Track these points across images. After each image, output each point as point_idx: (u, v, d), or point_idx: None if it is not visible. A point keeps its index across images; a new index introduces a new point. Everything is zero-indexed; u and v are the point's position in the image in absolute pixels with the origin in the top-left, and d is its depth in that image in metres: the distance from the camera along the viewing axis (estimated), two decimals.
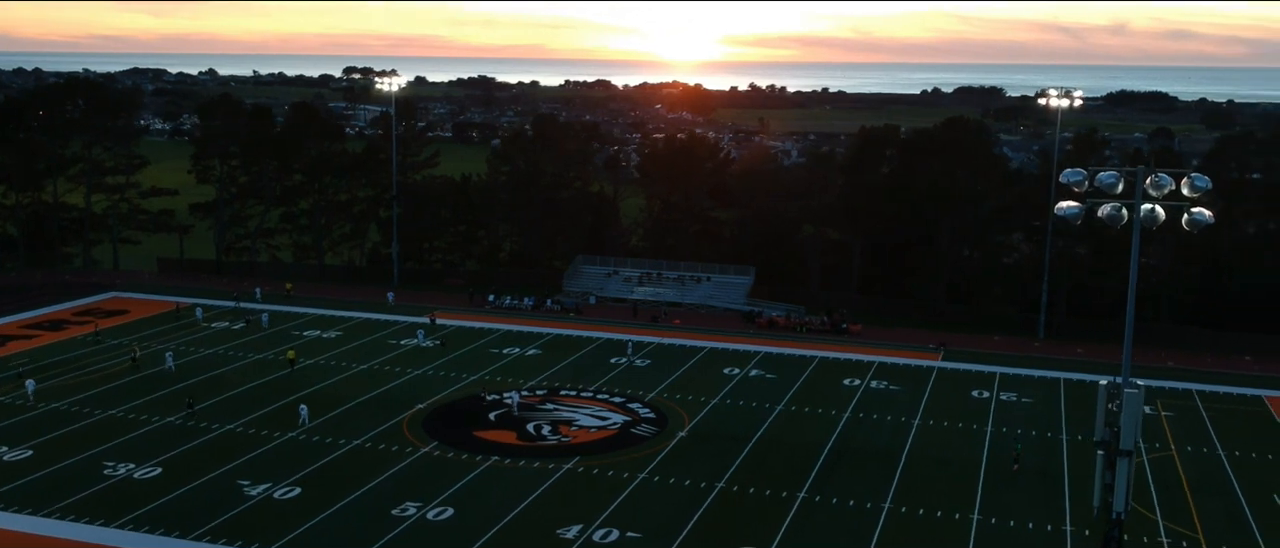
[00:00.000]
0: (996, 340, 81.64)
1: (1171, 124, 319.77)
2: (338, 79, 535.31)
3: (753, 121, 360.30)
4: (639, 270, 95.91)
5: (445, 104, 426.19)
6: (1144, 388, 30.10)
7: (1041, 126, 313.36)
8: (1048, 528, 48.01)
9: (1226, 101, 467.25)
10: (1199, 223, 26.15)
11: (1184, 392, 69.34)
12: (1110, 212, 27.20)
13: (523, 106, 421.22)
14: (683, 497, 50.90)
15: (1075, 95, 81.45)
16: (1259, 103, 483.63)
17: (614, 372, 72.20)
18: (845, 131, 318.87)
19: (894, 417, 63.46)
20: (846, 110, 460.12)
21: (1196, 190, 25.70)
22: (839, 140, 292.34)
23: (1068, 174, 27.90)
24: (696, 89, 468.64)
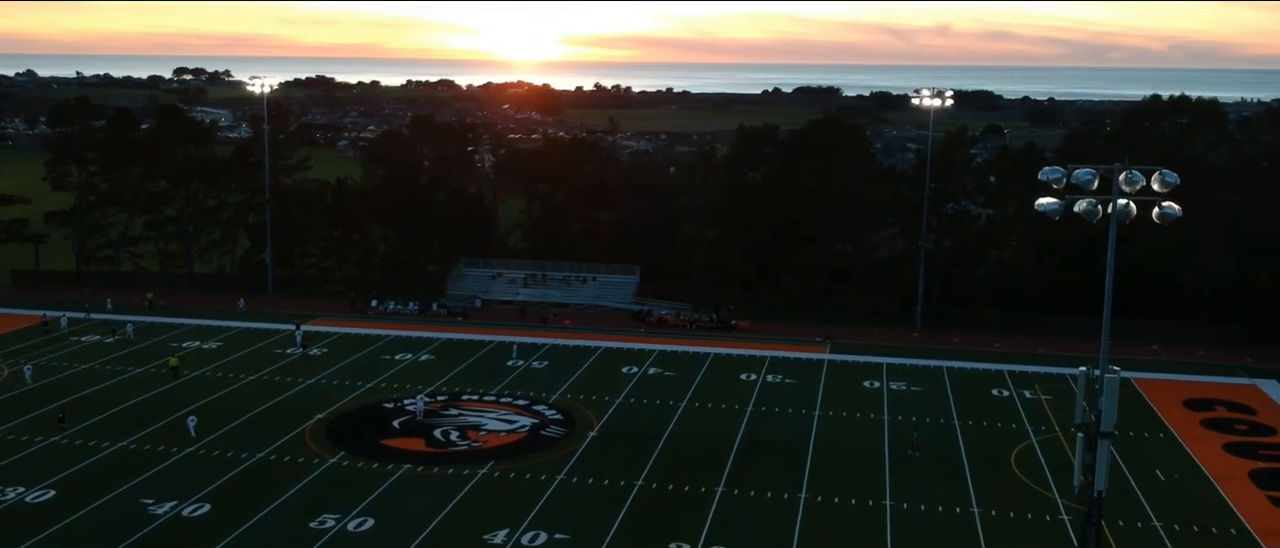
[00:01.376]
0: (877, 332, 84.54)
1: (999, 121, 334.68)
2: (168, 80, 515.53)
3: (602, 121, 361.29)
4: (523, 272, 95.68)
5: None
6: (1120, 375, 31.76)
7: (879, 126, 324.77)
8: (956, 511, 50.04)
9: (1048, 99, 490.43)
10: (1168, 217, 27.95)
11: (1058, 376, 73.16)
12: (1087, 207, 28.79)
13: (366, 107, 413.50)
14: (604, 496, 51.18)
15: (946, 95, 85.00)
16: (1077, 100, 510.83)
17: (513, 374, 71.97)
18: (696, 131, 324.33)
19: (794, 409, 65.11)
20: (692, 110, 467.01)
21: (1166, 186, 27.46)
22: (690, 140, 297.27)
23: (1046, 172, 29.37)
24: (544, 89, 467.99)
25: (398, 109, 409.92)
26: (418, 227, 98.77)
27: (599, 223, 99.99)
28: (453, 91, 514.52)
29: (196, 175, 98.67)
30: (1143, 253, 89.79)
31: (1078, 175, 28.36)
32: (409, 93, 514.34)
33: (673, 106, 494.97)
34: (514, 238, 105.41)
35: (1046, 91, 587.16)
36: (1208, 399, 67.92)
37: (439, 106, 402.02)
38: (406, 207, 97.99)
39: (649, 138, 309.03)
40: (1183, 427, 62.80)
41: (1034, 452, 58.30)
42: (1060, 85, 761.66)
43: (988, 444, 59.37)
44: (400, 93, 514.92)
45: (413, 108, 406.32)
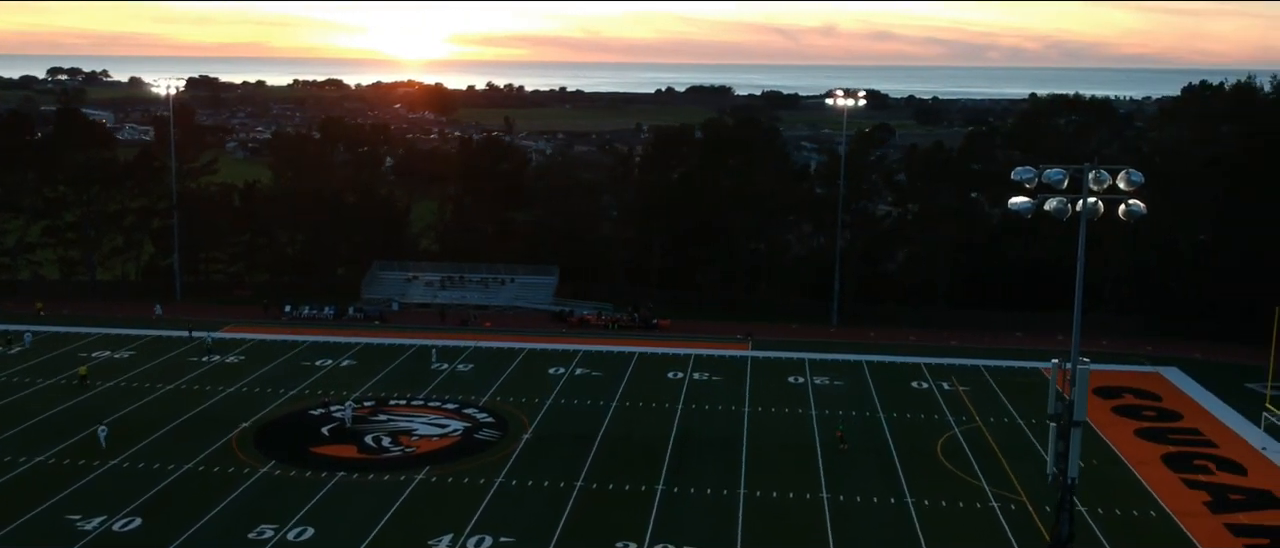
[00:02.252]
0: (795, 329, 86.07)
1: (888, 120, 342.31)
2: (42, 80, 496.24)
3: (497, 121, 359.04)
4: (440, 274, 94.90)
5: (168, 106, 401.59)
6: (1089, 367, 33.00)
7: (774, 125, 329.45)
8: (891, 501, 51.32)
9: (932, 98, 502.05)
10: (1135, 214, 29.23)
11: (973, 368, 75.43)
12: (1057, 205, 29.93)
13: (253, 107, 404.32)
14: (545, 498, 51.21)
15: (858, 96, 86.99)
16: (959, 99, 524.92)
17: (439, 378, 71.43)
18: (594, 130, 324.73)
19: (724, 406, 65.98)
20: (586, 109, 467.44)
21: (1131, 184, 28.73)
22: (589, 139, 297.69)
23: (1019, 172, 30.42)
24: (437, 88, 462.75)
25: (286, 109, 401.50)
26: (328, 230, 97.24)
27: (514, 223, 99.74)
28: (341, 91, 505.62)
29: (97, 179, 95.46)
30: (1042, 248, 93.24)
31: (1048, 175, 29.52)
32: (297, 93, 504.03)
33: (567, 106, 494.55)
34: (426, 240, 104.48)
35: (929, 90, 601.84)
36: (1116, 387, 70.76)
37: (329, 107, 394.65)
38: (317, 210, 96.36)
39: (546, 137, 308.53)
40: (1095, 414, 65.02)
41: (958, 442, 60.10)
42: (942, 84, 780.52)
43: (913, 436, 60.98)
44: (288, 93, 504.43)
45: (302, 108, 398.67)
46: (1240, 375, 72.94)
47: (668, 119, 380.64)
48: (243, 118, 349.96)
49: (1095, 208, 29.71)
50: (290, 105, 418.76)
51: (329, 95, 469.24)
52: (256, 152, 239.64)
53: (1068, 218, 30.20)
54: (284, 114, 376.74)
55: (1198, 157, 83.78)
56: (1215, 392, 70.21)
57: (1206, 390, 70.46)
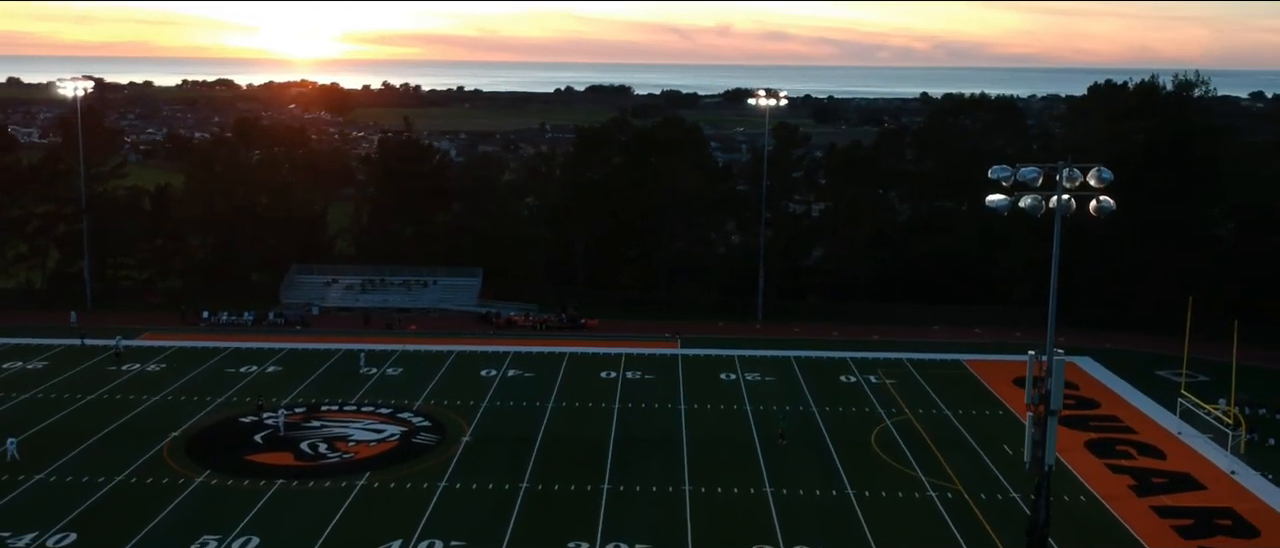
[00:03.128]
0: (721, 326, 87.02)
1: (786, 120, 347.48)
2: None
3: (396, 121, 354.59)
4: (360, 277, 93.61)
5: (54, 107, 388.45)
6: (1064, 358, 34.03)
7: None
8: (832, 494, 52.33)
9: (828, 98, 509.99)
10: (1106, 211, 30.40)
11: (897, 361, 77.16)
12: (1031, 202, 30.97)
13: (142, 108, 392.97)
14: (491, 500, 51.05)
15: (780, 96, 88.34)
16: (853, 98, 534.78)
17: (369, 383, 70.57)
18: (496, 130, 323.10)
19: (660, 404, 66.43)
20: (486, 108, 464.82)
21: (1102, 181, 29.89)
22: (493, 138, 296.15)
23: (995, 170, 31.39)
24: (333, 88, 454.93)
25: (177, 110, 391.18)
26: (243, 234, 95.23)
27: (434, 225, 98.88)
28: (233, 91, 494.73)
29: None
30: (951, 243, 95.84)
31: (1023, 173, 30.55)
32: (186, 93, 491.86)
33: (466, 105, 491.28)
34: (342, 243, 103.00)
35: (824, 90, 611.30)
36: (1036, 377, 72.79)
37: (221, 107, 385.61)
38: (231, 213, 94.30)
39: (449, 137, 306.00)
40: (1017, 404, 66.98)
41: (890, 433, 61.48)
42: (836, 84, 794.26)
43: (847, 429, 62.19)
44: (177, 93, 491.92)
45: (193, 109, 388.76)
46: (1150, 364, 75.88)
47: (569, 118, 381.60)
48: (132, 120, 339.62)
49: (1069, 205, 30.81)
50: (181, 106, 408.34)
51: (220, 96, 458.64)
52: (149, 154, 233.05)
53: (1042, 214, 31.23)
54: (175, 116, 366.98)
55: (1104, 153, 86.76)
56: (1128, 380, 72.97)
57: (1120, 379, 73.17)
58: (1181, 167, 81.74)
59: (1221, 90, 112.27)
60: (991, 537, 47.48)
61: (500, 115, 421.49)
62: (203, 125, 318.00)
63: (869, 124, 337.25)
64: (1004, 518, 49.58)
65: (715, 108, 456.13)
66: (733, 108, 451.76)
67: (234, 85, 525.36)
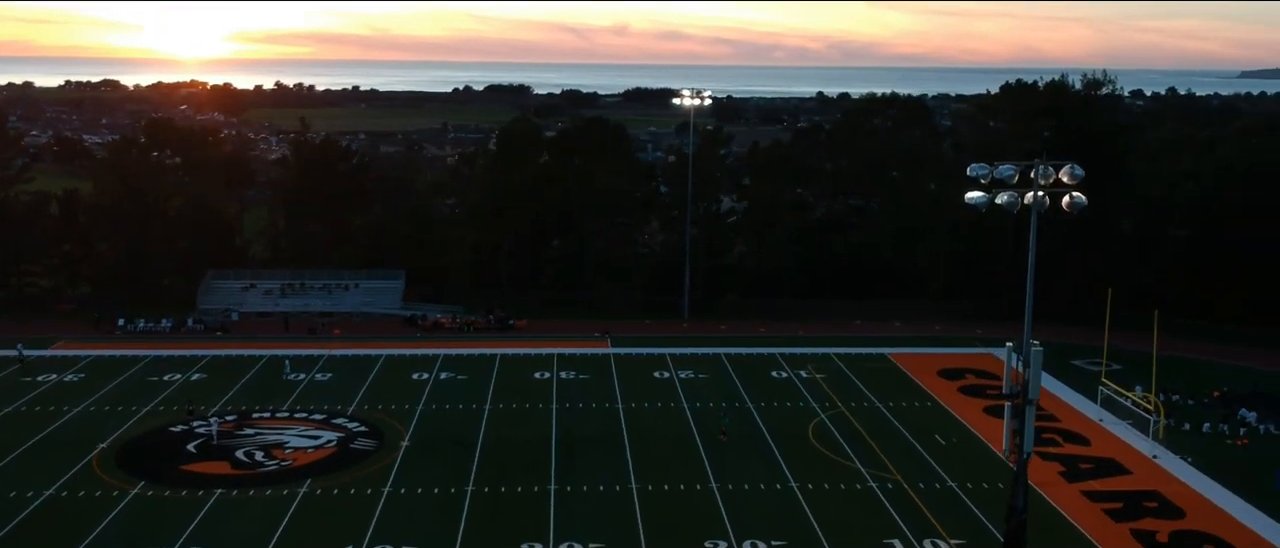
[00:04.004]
0: (649, 325, 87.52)
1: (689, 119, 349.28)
2: None
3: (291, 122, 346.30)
4: (279, 281, 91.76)
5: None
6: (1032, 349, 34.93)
7: None
8: (777, 487, 53.18)
9: (727, 97, 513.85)
10: (1079, 206, 31.52)
11: (824, 356, 78.52)
12: (1009, 199, 31.94)
13: (23, 110, 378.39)
14: (438, 505, 50.73)
15: (704, 95, 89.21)
16: (752, 97, 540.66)
17: (298, 388, 69.40)
18: (398, 130, 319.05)
19: (598, 404, 66.62)
20: (384, 108, 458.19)
21: (1074, 178, 31.00)
22: (395, 138, 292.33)
23: (974, 168, 32.31)
24: (226, 88, 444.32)
25: (62, 112, 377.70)
26: (155, 238, 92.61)
27: (353, 227, 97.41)
28: (119, 92, 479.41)
29: None
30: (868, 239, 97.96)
31: (1000, 171, 31.54)
32: (70, 94, 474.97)
33: (363, 105, 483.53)
34: (257, 246, 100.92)
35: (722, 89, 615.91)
36: (957, 368, 75.11)
37: (108, 109, 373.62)
38: (143, 218, 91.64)
39: (349, 137, 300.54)
40: (944, 395, 69.23)
41: (826, 427, 62.63)
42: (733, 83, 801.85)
43: (784, 423, 63.16)
44: (60, 94, 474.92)
45: (79, 111, 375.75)
46: (1065, 354, 78.43)
47: (468, 118, 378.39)
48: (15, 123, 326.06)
49: (1043, 200, 31.92)
50: (66, 108, 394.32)
51: (107, 97, 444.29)
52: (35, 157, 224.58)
53: (1017, 210, 32.33)
54: (60, 117, 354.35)
55: (1016, 150, 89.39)
56: (1046, 370, 75.09)
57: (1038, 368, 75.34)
58: (1091, 163, 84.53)
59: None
60: (934, 525, 48.73)
61: (399, 115, 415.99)
62: (90, 127, 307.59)
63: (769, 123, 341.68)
64: (944, 506, 50.98)
65: (616, 107, 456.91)
66: (632, 107, 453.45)
67: (120, 86, 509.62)
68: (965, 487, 53.49)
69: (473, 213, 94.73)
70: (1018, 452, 32.76)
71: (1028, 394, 32.28)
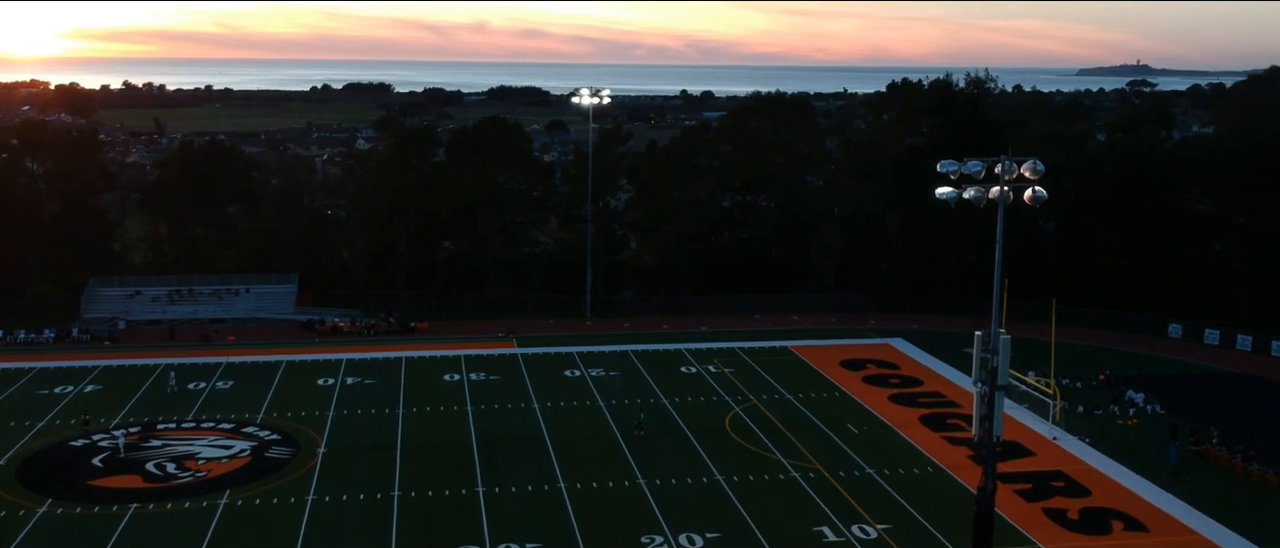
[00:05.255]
0: (552, 324, 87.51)
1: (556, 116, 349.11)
2: None
3: (144, 122, 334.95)
4: (166, 288, 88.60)
5: None
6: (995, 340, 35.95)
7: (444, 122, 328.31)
8: (704, 480, 53.93)
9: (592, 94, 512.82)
10: (1040, 200, 32.91)
11: (730, 350, 79.79)
12: (976, 194, 33.11)
13: None
14: (367, 511, 50.00)
15: (603, 94, 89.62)
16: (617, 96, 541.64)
17: (201, 397, 67.33)
18: (260, 130, 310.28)
19: (513, 404, 66.42)
20: (240, 108, 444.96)
21: (1035, 173, 32.36)
22: (258, 139, 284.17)
23: (943, 164, 33.41)
24: (72, 88, 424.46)
25: None
26: (31, 246, 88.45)
27: (241, 230, 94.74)
28: None
29: None
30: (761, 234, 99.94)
31: (969, 166, 32.76)
32: None
33: (217, 105, 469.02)
34: (139, 253, 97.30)
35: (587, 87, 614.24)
36: (858, 359, 77.25)
37: None
38: (18, 225, 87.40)
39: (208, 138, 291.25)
40: (849, 385, 71.14)
41: (742, 420, 63.75)
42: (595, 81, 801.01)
43: (701, 417, 64.04)
44: None
45: None
46: (956, 343, 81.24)
47: (330, 117, 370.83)
48: None
49: (1007, 195, 33.29)
50: None
51: None
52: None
53: (985, 204, 33.63)
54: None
55: (902, 147, 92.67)
56: (940, 358, 78.13)
57: (932, 357, 78.26)
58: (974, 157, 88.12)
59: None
60: (859, 512, 50.12)
61: (256, 115, 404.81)
62: None
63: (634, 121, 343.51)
64: (865, 493, 52.46)
65: (482, 105, 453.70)
66: (498, 105, 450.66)
67: None
68: (883, 473, 55.19)
69: (366, 214, 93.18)
70: (987, 436, 34.14)
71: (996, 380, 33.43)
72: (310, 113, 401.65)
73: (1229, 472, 55.69)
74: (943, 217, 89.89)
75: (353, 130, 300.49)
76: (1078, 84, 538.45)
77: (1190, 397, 68.15)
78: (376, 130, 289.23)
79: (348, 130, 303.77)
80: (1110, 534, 48.30)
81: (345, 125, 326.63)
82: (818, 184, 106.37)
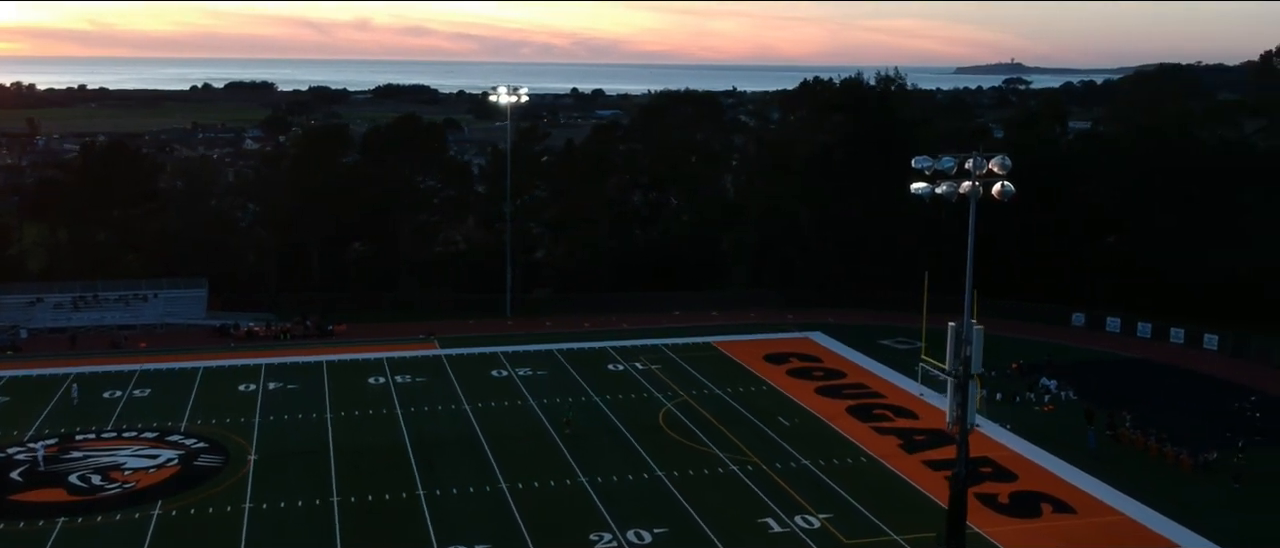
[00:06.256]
0: (473, 324, 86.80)
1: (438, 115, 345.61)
2: None
3: (16, 123, 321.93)
4: (70, 294, 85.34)
5: None
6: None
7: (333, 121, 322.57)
8: (645, 476, 54.28)
9: (483, 93, 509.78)
10: (1007, 194, 33.88)
11: (654, 347, 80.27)
12: (947, 189, 33.94)
13: None
14: (307, 517, 49.18)
15: (521, 93, 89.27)
16: None
17: (120, 406, 65.23)
18: (145, 130, 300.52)
19: (443, 406, 65.86)
20: (116, 108, 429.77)
21: (1003, 169, 33.36)
22: (142, 140, 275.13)
23: (918, 160, 34.17)
24: None
25: None
26: None
27: (146, 234, 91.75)
28: None
29: None
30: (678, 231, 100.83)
31: (942, 162, 33.65)
32: None
33: (92, 104, 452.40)
34: (35, 258, 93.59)
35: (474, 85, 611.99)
36: (781, 353, 78.45)
37: None
38: None
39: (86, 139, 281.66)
40: (776, 379, 72.25)
41: (675, 415, 64.26)
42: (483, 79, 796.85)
43: (634, 414, 64.35)
44: None
45: None
46: (872, 335, 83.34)
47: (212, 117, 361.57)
48: None
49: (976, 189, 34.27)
50: None
51: None
52: None
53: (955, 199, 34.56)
54: None
55: (813, 143, 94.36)
56: (859, 350, 79.83)
57: (852, 349, 79.92)
58: (885, 153, 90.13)
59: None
60: (800, 503, 51.05)
61: (135, 115, 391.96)
62: None
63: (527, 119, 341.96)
64: (804, 484, 53.44)
65: (369, 104, 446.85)
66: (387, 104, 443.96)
67: None
68: (818, 464, 56.28)
69: (276, 216, 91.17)
70: (961, 424, 35.20)
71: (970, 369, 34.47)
72: (192, 112, 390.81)
73: (1144, 454, 58.24)
74: (854, 213, 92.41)
75: (239, 130, 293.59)
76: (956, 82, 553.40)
77: (1099, 382, 70.90)
78: (264, 130, 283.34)
79: (234, 130, 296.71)
80: (1041, 517, 50.16)
81: (230, 125, 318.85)
82: (729, 182, 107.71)
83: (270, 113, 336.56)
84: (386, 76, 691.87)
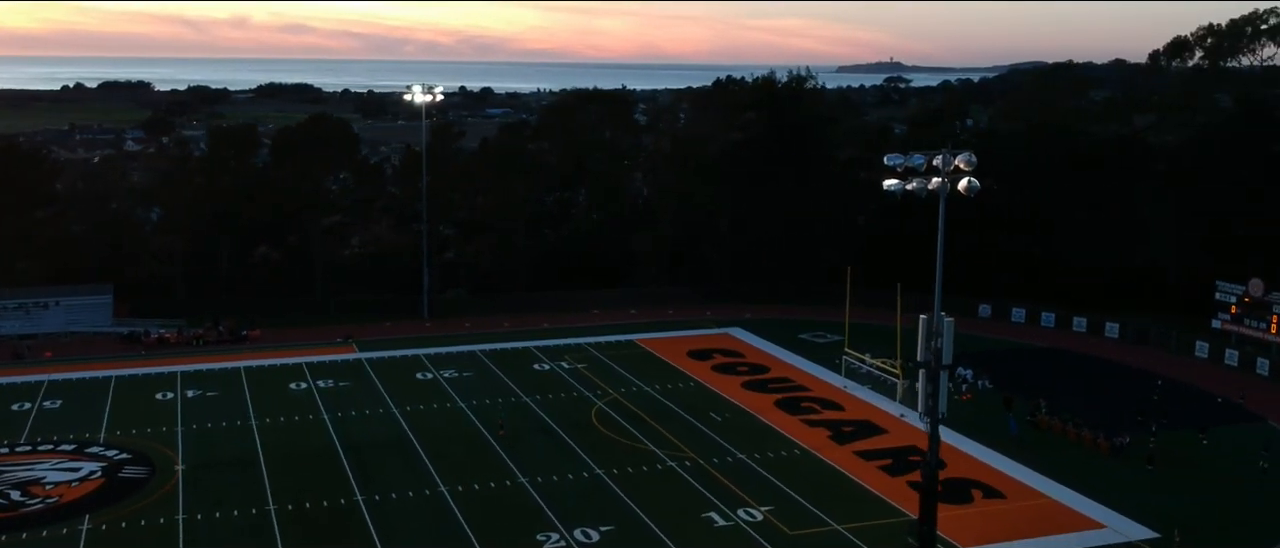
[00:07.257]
0: (390, 326, 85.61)
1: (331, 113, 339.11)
2: None
3: None
4: None
5: None
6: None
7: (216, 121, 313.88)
8: (585, 475, 54.46)
9: (367, 92, 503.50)
10: (974, 190, 34.82)
11: (578, 346, 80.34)
12: (918, 186, 34.71)
13: None
14: (246, 527, 48.15)
15: (437, 92, 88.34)
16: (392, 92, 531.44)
17: (30, 419, 62.79)
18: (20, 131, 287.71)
19: (371, 410, 64.96)
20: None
21: (970, 165, 34.30)
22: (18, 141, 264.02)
23: (890, 158, 34.88)
24: None
25: None
26: None
27: (42, 239, 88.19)
28: None
29: None
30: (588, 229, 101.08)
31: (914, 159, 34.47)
32: None
33: None
34: None
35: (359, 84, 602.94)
36: (704, 350, 79.24)
37: None
38: None
39: None
40: (702, 375, 72.97)
41: (607, 413, 64.51)
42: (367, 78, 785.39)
43: (566, 413, 64.34)
44: None
45: None
46: (791, 330, 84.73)
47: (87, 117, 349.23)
48: None
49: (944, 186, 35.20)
50: None
51: None
52: None
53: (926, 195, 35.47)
54: None
55: (726, 141, 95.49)
56: (778, 344, 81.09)
57: (772, 344, 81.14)
58: (799, 150, 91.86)
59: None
60: (741, 496, 51.78)
61: (5, 117, 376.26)
62: None
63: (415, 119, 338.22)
64: (742, 478, 54.17)
65: (251, 104, 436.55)
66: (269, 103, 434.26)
67: None
68: (754, 458, 57.13)
69: (183, 219, 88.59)
70: (932, 412, 36.19)
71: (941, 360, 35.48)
72: (66, 113, 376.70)
73: (1063, 438, 60.53)
74: (769, 209, 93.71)
75: (118, 131, 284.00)
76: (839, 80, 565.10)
77: (1012, 371, 73.32)
78: (145, 131, 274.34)
79: (113, 131, 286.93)
80: (972, 503, 51.77)
81: (108, 126, 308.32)
82: (640, 179, 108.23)
83: (150, 113, 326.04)
84: (267, 75, 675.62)
